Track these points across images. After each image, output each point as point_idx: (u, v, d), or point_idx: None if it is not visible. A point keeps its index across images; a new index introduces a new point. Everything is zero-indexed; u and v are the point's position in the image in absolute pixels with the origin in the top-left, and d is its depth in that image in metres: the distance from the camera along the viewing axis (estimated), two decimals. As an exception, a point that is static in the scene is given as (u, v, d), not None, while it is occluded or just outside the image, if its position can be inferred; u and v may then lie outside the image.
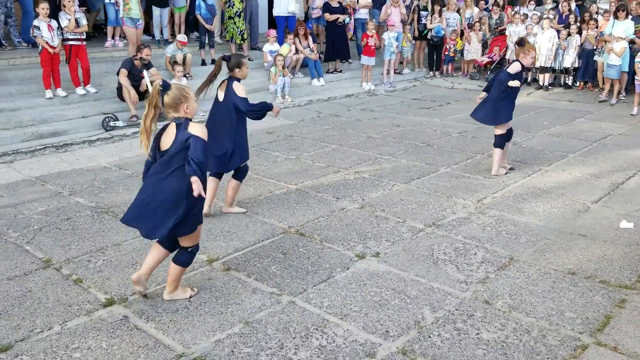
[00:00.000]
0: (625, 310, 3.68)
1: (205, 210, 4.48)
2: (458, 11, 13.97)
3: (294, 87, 11.32)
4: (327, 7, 12.35)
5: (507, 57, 12.90)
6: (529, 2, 13.85)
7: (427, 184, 6.22)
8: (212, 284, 4.08)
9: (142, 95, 8.81)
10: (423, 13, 13.64)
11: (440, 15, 13.44)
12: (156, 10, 11.32)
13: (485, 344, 3.37)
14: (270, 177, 6.48)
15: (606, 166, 6.82)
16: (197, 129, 3.51)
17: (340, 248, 4.66)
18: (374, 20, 13.05)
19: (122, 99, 8.78)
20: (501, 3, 14.47)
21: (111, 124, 8.38)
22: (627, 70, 10.79)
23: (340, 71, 12.95)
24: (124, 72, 8.58)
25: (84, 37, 8.95)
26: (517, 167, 6.75)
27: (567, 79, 12.37)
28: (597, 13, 12.65)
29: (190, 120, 3.58)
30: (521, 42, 6.29)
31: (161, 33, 11.65)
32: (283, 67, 10.77)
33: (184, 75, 9.73)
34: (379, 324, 3.59)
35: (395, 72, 13.21)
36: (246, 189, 6.08)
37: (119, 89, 8.75)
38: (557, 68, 12.25)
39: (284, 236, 4.90)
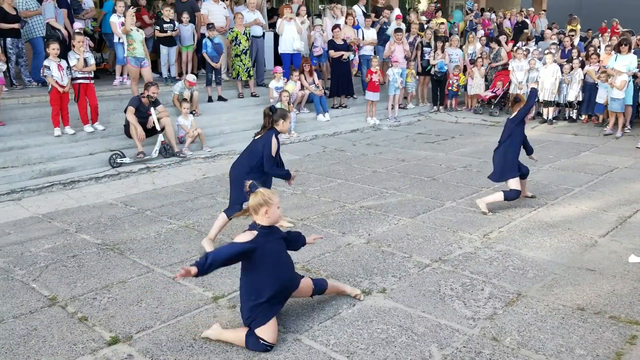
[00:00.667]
0: (637, 346, 3.62)
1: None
2: (461, 47, 14.17)
3: (299, 122, 11.43)
4: (331, 45, 12.56)
5: (510, 91, 13.01)
6: (530, 39, 14.06)
7: (433, 219, 6.21)
8: (217, 322, 4.04)
9: (149, 132, 8.92)
10: (426, 49, 13.85)
11: (442, 52, 13.63)
12: (164, 49, 11.54)
13: (494, 382, 3.31)
14: (276, 213, 6.48)
15: (613, 200, 6.79)
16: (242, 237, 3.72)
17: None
18: (378, 56, 13.24)
19: (129, 135, 8.88)
20: (503, 40, 14.68)
21: (118, 160, 8.46)
22: (631, 103, 10.86)
23: (345, 106, 13.09)
24: (131, 109, 8.70)
25: (92, 75, 9.12)
26: (523, 202, 6.73)
27: (571, 112, 12.43)
28: (599, 47, 12.81)
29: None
30: (516, 99, 6.74)
31: (168, 71, 11.85)
32: (289, 103, 10.90)
33: (191, 112, 9.85)
34: (386, 362, 3.54)
35: (399, 107, 13.33)
36: (252, 224, 6.08)
37: (127, 126, 8.86)
38: (561, 102, 12.33)
39: (289, 272, 4.87)
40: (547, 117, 12.34)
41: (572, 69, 11.97)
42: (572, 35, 14.35)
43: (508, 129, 6.61)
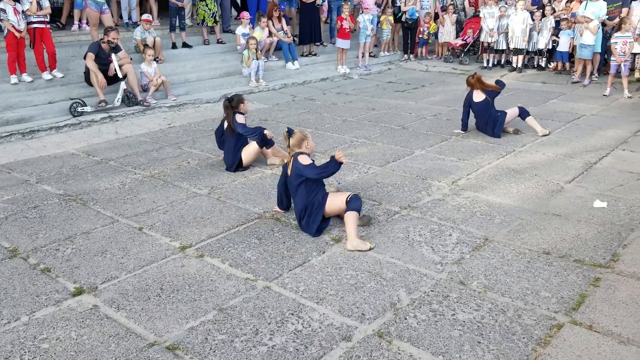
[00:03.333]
0: (600, 289, 3.71)
1: None
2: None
3: (268, 70, 11.18)
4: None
5: (480, 39, 12.91)
6: None
7: (403, 167, 6.19)
8: (185, 271, 3.99)
9: (111, 79, 8.59)
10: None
11: (414, -3, 13.38)
12: None
13: (461, 324, 3.35)
14: (244, 162, 6.37)
15: (579, 146, 6.86)
16: (303, 159, 4.54)
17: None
18: (349, 2, 12.92)
19: (89, 83, 8.55)
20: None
21: (79, 109, 8.16)
22: (600, 51, 10.89)
23: (315, 54, 12.82)
24: (91, 56, 8.34)
25: (47, 19, 8.67)
26: (491, 149, 6.76)
27: (540, 60, 12.44)
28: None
29: (302, 154, 4.60)
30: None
31: (129, 16, 11.37)
32: (256, 50, 10.61)
33: (155, 59, 9.50)
34: (354, 307, 3.55)
35: (370, 55, 13.13)
36: (219, 174, 5.98)
37: (87, 73, 8.51)
38: (530, 50, 12.30)
39: (259, 221, 4.82)
40: (517, 65, 12.32)
41: (543, 16, 11.89)
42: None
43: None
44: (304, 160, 4.54)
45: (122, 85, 8.59)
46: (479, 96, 7.34)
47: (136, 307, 3.56)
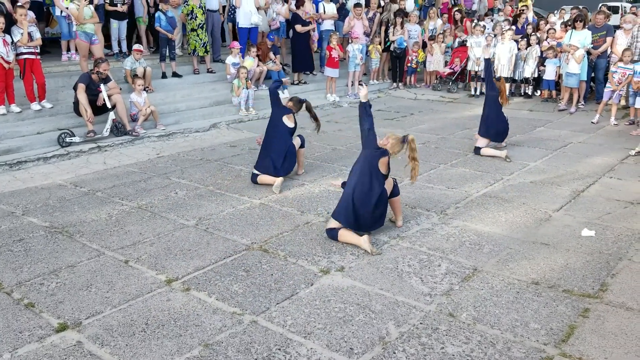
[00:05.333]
0: (589, 319, 3.69)
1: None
2: (420, 23, 14.13)
3: (258, 99, 11.22)
4: (296, 19, 12.31)
5: (468, 68, 13.08)
6: (487, 16, 14.16)
7: (392, 196, 6.18)
8: (170, 306, 3.93)
9: (99, 110, 8.60)
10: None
11: (402, 28, 13.56)
12: (114, 23, 11.11)
13: (450, 358, 3.31)
14: (233, 192, 6.35)
15: (566, 174, 6.91)
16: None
17: (305, 263, 4.57)
18: (337, 32, 13.07)
19: (79, 114, 8.54)
20: (457, 17, 14.71)
21: (67, 139, 8.14)
22: (586, 79, 11.06)
23: (305, 83, 12.92)
24: (81, 87, 8.34)
25: (37, 50, 8.70)
26: (479, 177, 6.79)
27: (527, 88, 12.59)
28: (554, 23, 12.96)
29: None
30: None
31: (119, 46, 11.44)
32: (246, 80, 10.67)
33: (144, 89, 9.53)
34: (343, 341, 3.50)
35: (359, 84, 13.23)
36: (207, 205, 5.95)
37: (76, 103, 8.50)
38: (517, 78, 12.46)
39: (246, 253, 4.78)
40: (504, 93, 12.45)
41: (528, 45, 12.08)
42: (523, 11, 14.46)
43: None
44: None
45: (111, 115, 8.59)
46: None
47: (120, 343, 3.50)
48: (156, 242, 5.02)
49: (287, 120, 6.68)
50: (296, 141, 6.83)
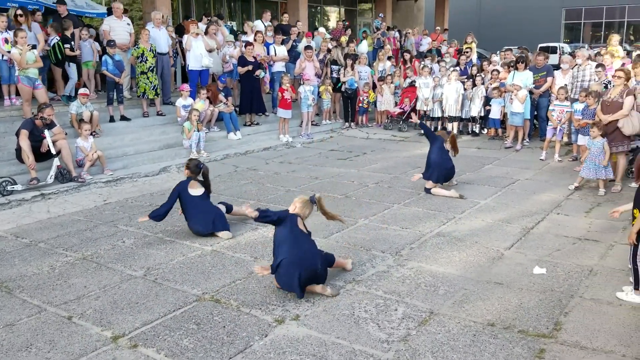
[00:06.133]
0: (545, 361, 3.68)
1: None
2: (369, 64, 14.44)
3: (210, 141, 11.12)
4: (241, 61, 12.36)
5: (417, 107, 13.37)
6: (426, 57, 14.68)
7: (347, 238, 6.14)
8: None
9: (43, 156, 8.30)
10: (334, 67, 14.01)
11: (352, 69, 13.82)
12: (72, 67, 10.93)
13: (410, 409, 3.22)
14: (183, 239, 6.17)
15: (516, 211, 7.04)
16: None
17: (259, 313, 4.43)
18: (289, 74, 13.19)
19: (21, 160, 8.22)
20: (407, 57, 15.14)
21: (8, 188, 7.78)
22: (529, 117, 11.46)
23: (257, 124, 12.91)
24: (24, 133, 8.06)
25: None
26: (432, 216, 6.84)
27: (474, 127, 12.95)
28: (496, 64, 13.47)
29: None
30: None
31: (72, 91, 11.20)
32: (198, 122, 10.57)
33: (91, 134, 9.29)
34: (299, 396, 3.37)
35: (312, 124, 13.33)
36: (157, 253, 5.75)
37: (18, 150, 8.18)
38: (464, 117, 12.81)
39: (197, 304, 4.60)
40: (452, 132, 12.76)
41: (474, 85, 12.49)
42: (467, 53, 15.02)
43: None
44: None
45: (56, 161, 8.30)
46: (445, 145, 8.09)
47: (60, 411, 3.26)
48: (102, 295, 4.78)
49: (192, 189, 6.32)
50: (221, 207, 6.56)
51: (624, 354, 3.74)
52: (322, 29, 16.27)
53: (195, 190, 6.35)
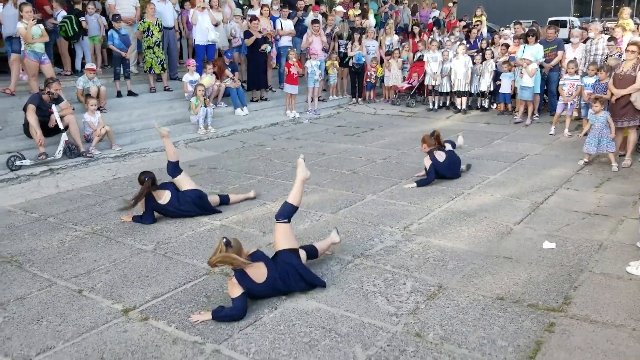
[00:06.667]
0: (555, 334, 3.68)
1: None
2: (377, 39, 14.26)
3: (217, 117, 11.08)
4: (247, 34, 12.23)
5: (425, 82, 13.25)
6: (445, 31, 14.44)
7: (355, 213, 6.13)
8: (127, 337, 3.75)
9: (51, 131, 8.30)
10: (341, 42, 13.85)
11: (360, 43, 13.66)
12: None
13: (419, 381, 3.24)
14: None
15: (525, 186, 7.00)
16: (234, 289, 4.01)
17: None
18: (295, 49, 13.06)
19: (29, 135, 8.22)
20: (416, 31, 14.94)
21: (17, 163, 7.80)
22: (539, 92, 11.33)
23: (265, 99, 12.84)
24: (31, 108, 8.05)
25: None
26: (440, 192, 6.81)
27: (483, 101, 12.82)
28: (506, 38, 13.27)
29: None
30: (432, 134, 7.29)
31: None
32: (204, 97, 10.51)
33: (98, 109, 9.27)
34: (309, 368, 3.39)
35: (319, 100, 13.24)
36: (166, 227, 5.77)
37: (26, 125, 8.18)
38: (473, 92, 12.68)
39: (207, 278, 4.62)
40: (461, 107, 12.67)
41: (483, 59, 12.33)
42: (477, 26, 14.80)
43: None
44: (234, 290, 3.99)
45: (64, 136, 8.29)
46: (440, 155, 7.18)
47: (73, 381, 3.30)
48: (112, 269, 4.81)
49: (161, 200, 5.94)
50: (214, 199, 6.35)
51: (634, 328, 3.73)
52: (339, 8, 15.96)
53: (163, 198, 5.95)
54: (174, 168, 6.15)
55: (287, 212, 4.47)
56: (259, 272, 4.10)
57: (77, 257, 5.08)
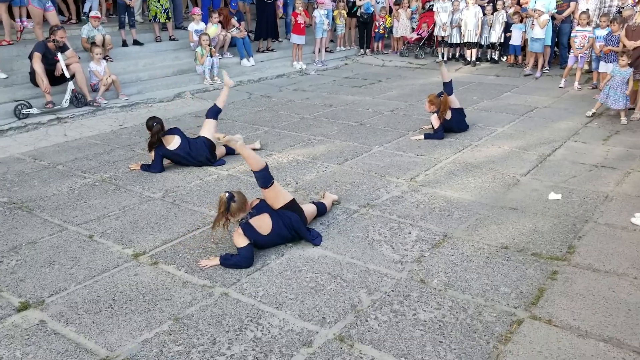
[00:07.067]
0: (558, 282, 3.74)
1: None
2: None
3: (222, 67, 10.95)
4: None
5: (434, 33, 13.01)
6: None
7: (361, 164, 6.15)
8: (138, 280, 3.84)
9: (57, 80, 8.26)
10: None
11: (369, -8, 13.37)
12: None
13: (422, 324, 3.32)
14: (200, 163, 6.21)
15: (533, 139, 6.97)
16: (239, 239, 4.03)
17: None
18: (303, -3, 12.80)
19: (35, 84, 8.18)
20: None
21: (24, 111, 7.80)
22: (550, 44, 11.12)
23: (272, 50, 12.67)
24: (37, 56, 7.98)
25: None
26: (448, 144, 6.79)
27: (493, 53, 12.62)
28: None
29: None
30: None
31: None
32: (210, 47, 10.39)
33: (104, 58, 9.19)
34: (315, 310, 3.48)
35: (326, 51, 13.06)
36: (174, 176, 5.81)
37: (32, 73, 8.13)
38: (483, 44, 12.47)
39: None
40: (471, 59, 12.48)
41: (495, 10, 12.06)
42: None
43: None
44: (239, 241, 4.01)
45: (70, 85, 8.26)
46: (447, 114, 7.01)
47: (86, 321, 3.40)
48: (122, 215, 4.88)
49: (170, 145, 5.94)
50: (221, 150, 6.32)
51: (636, 276, 3.78)
52: None
53: (173, 143, 5.92)
54: (215, 112, 6.32)
55: (265, 177, 4.24)
56: (263, 223, 4.14)
57: (86, 203, 5.15)
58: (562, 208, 4.92)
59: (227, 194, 4.00)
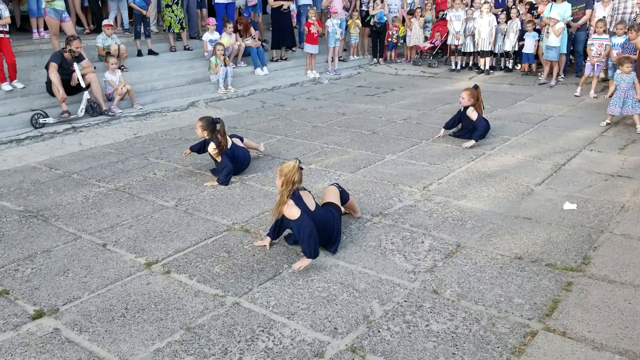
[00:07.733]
0: (572, 293, 3.69)
1: None
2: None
3: (236, 76, 11.04)
4: (269, -6, 12.08)
5: (448, 42, 12.99)
6: None
7: (374, 173, 6.13)
8: (150, 289, 3.85)
9: (73, 89, 8.36)
10: (363, 0, 13.59)
11: (382, 2, 13.39)
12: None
13: (435, 335, 3.29)
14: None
15: (548, 148, 6.91)
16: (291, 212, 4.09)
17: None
18: (315, 7, 12.86)
19: (51, 94, 8.30)
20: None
21: (40, 120, 7.91)
22: (565, 52, 11.04)
23: (286, 59, 12.73)
24: (53, 66, 8.10)
25: (6, 29, 8.39)
26: (461, 153, 6.76)
27: (507, 62, 12.56)
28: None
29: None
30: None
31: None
32: (224, 57, 10.46)
33: (119, 67, 9.29)
34: (327, 321, 3.46)
35: (339, 60, 13.09)
36: (187, 185, 5.84)
37: (48, 83, 8.25)
38: (497, 52, 12.42)
39: (227, 234, 4.70)
40: (484, 67, 12.43)
41: (509, 18, 12.02)
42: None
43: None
44: (292, 212, 4.06)
45: (86, 95, 8.36)
46: (474, 114, 7.10)
47: (99, 329, 3.42)
48: (135, 224, 4.91)
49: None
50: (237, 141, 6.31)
51: (653, 288, 3.73)
52: None
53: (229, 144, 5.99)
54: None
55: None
56: (310, 201, 4.24)
57: (100, 212, 5.19)
58: (577, 218, 4.86)
59: (298, 160, 4.18)
